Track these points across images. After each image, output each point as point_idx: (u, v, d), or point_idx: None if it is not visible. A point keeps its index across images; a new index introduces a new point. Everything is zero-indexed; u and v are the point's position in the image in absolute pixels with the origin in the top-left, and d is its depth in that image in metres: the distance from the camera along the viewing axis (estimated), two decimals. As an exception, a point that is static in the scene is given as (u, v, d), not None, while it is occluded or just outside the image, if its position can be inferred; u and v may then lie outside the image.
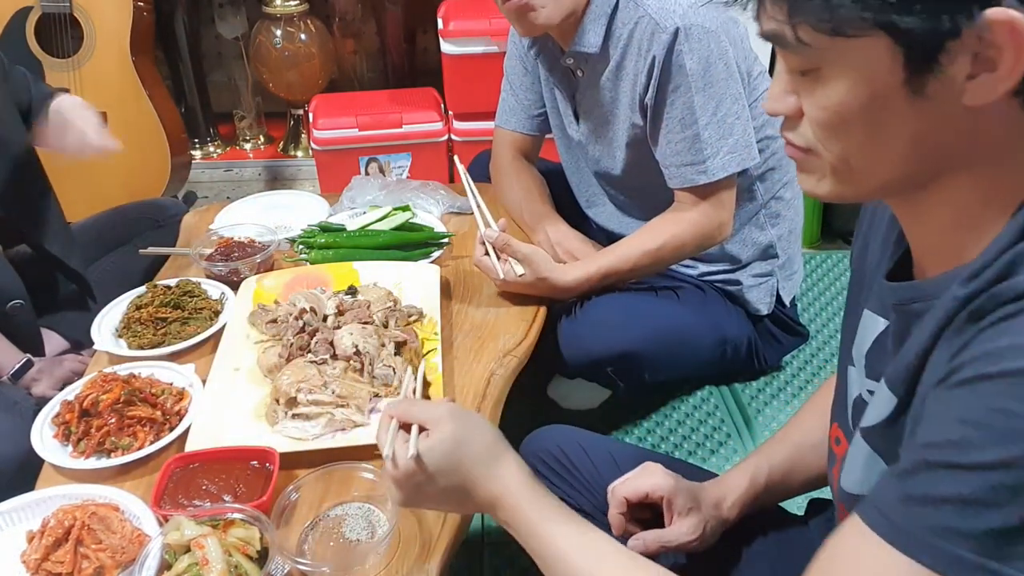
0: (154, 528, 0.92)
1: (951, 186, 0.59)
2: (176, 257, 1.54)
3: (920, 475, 0.53)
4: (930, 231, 0.63)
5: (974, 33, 0.51)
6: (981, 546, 0.50)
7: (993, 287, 0.53)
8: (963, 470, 0.51)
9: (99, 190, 2.32)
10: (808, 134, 0.61)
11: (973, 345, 0.53)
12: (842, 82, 0.57)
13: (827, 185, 0.63)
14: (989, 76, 0.53)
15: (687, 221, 1.41)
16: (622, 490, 0.93)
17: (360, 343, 1.14)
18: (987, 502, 0.50)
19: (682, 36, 1.28)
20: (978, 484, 0.50)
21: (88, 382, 1.14)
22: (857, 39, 0.54)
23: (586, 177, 1.63)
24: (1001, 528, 0.49)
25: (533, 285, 1.35)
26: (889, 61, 0.54)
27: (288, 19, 2.72)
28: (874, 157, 0.59)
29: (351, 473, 0.98)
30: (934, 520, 0.52)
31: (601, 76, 1.41)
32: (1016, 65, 0.52)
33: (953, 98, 0.54)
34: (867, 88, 0.56)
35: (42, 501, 0.97)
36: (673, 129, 1.35)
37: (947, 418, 0.53)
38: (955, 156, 0.58)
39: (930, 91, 0.55)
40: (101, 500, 0.96)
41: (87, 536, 0.90)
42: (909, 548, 0.53)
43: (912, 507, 0.53)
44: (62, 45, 2.40)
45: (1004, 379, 0.50)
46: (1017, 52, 0.51)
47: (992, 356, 0.51)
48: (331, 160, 2.54)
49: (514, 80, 1.64)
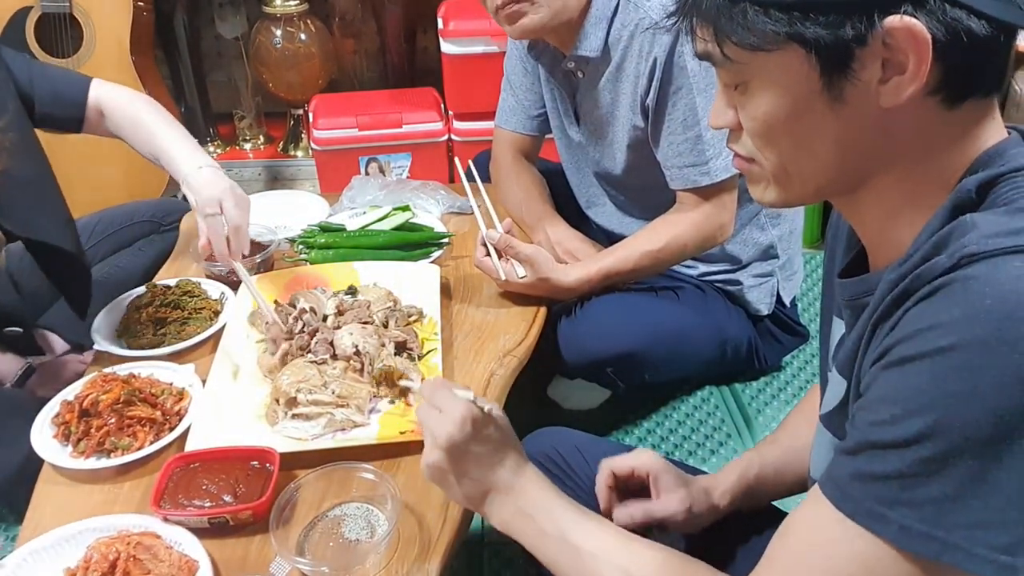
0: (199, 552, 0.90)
1: (880, 185, 0.63)
2: (176, 257, 1.54)
3: (863, 453, 0.56)
4: (872, 229, 0.67)
5: (879, 39, 0.55)
6: (926, 515, 0.53)
7: (917, 269, 0.56)
8: (894, 447, 0.54)
9: (99, 190, 2.32)
10: (748, 144, 0.66)
11: (900, 326, 0.56)
12: (767, 93, 0.61)
13: (772, 192, 0.67)
14: (900, 79, 0.56)
15: (688, 222, 1.41)
16: (610, 463, 0.96)
17: (360, 343, 1.14)
18: (921, 474, 0.53)
19: (683, 37, 1.28)
20: (909, 458, 0.53)
21: (88, 382, 1.13)
22: (774, 52, 0.59)
23: (586, 177, 1.63)
24: (941, 496, 0.52)
25: (534, 286, 1.35)
26: (806, 71, 0.58)
27: (288, 19, 2.72)
28: (805, 162, 0.63)
29: (351, 473, 0.98)
30: (880, 494, 0.55)
31: (601, 78, 1.41)
32: (920, 66, 0.55)
33: (870, 102, 0.58)
34: (789, 97, 0.60)
35: (72, 536, 0.93)
36: (675, 131, 1.35)
37: (877, 398, 0.56)
38: (879, 156, 0.61)
39: (848, 96, 0.59)
40: (136, 530, 0.93)
41: (134, 567, 0.88)
42: (861, 518, 0.56)
43: (861, 483, 0.56)
44: (62, 45, 2.40)
45: (921, 360, 0.53)
46: (919, 55, 0.55)
47: (913, 337, 0.54)
48: (331, 160, 2.54)
49: (514, 80, 1.64)
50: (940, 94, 0.58)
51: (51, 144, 1.48)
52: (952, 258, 0.53)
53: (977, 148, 0.60)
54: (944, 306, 0.52)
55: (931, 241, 0.56)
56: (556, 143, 1.67)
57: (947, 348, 0.51)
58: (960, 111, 0.59)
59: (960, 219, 0.56)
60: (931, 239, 0.57)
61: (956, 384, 0.51)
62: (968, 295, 0.51)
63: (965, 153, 0.60)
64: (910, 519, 0.53)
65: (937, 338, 0.52)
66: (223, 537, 0.94)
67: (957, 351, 0.51)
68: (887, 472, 0.54)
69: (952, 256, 0.53)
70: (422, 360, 1.18)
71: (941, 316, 0.52)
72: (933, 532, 0.53)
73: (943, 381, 0.51)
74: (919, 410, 0.52)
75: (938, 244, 0.56)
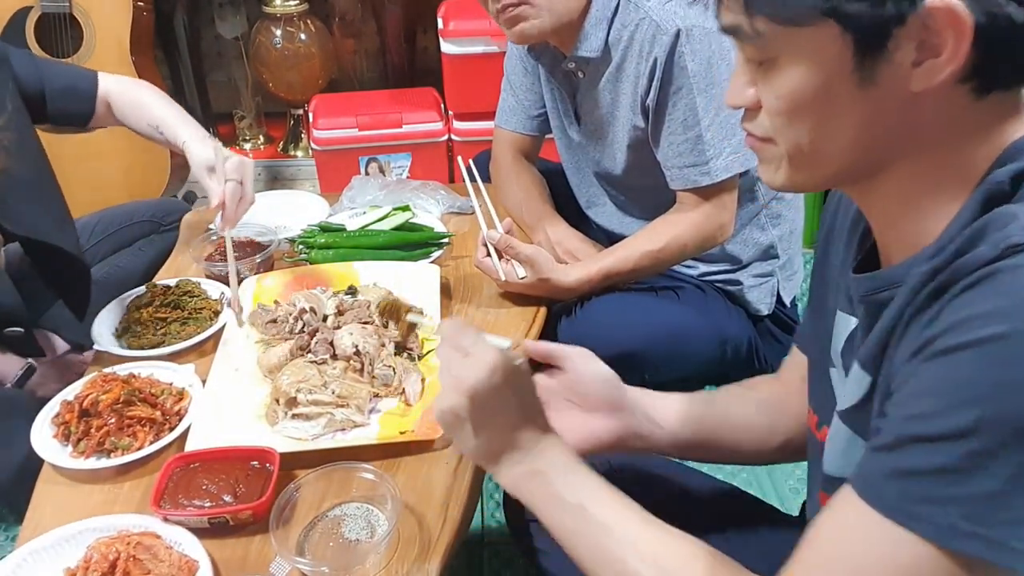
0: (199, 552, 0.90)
1: (900, 173, 0.61)
2: (176, 257, 1.54)
3: (901, 449, 0.54)
4: (886, 219, 0.65)
5: (918, 20, 0.54)
6: (970, 512, 0.51)
7: (955, 260, 0.55)
8: (937, 441, 0.52)
9: (99, 189, 2.32)
10: (765, 123, 0.64)
11: (941, 318, 0.54)
12: (796, 70, 0.59)
13: (783, 174, 0.65)
14: (934, 62, 0.55)
15: (688, 222, 1.41)
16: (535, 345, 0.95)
17: (360, 343, 1.14)
18: (966, 469, 0.51)
19: (683, 37, 1.28)
20: (953, 453, 0.51)
21: (88, 382, 1.13)
22: (808, 27, 0.57)
23: (587, 177, 1.63)
24: (987, 493, 0.51)
25: (534, 286, 1.35)
26: (839, 48, 0.57)
27: (288, 19, 2.72)
28: (826, 143, 0.62)
29: (351, 473, 0.98)
30: (921, 491, 0.53)
31: (602, 78, 1.41)
32: (957, 50, 0.54)
33: (900, 84, 0.57)
34: (819, 75, 0.59)
35: (72, 536, 0.93)
36: (675, 131, 1.35)
37: (918, 391, 0.54)
38: (904, 142, 0.60)
39: (878, 77, 0.57)
40: (136, 530, 0.93)
41: (134, 567, 0.87)
42: (901, 518, 0.54)
43: (899, 480, 0.54)
44: (62, 45, 2.40)
45: (968, 349, 0.51)
46: (957, 37, 0.53)
47: (958, 327, 0.52)
48: (331, 160, 2.54)
49: (514, 80, 1.64)
50: (971, 82, 0.56)
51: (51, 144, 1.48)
52: (996, 248, 0.52)
53: (1004, 141, 0.59)
54: (991, 295, 0.52)
55: (966, 233, 0.55)
56: (556, 143, 1.67)
57: (997, 337, 0.50)
58: (988, 102, 0.57)
59: (997, 210, 0.55)
60: (965, 231, 0.55)
61: (1007, 373, 0.50)
62: (1017, 284, 0.51)
63: (991, 145, 0.59)
64: (953, 516, 0.51)
65: (985, 327, 0.50)
66: (223, 537, 0.94)
67: (1007, 340, 0.50)
68: (929, 467, 0.52)
69: (995, 246, 0.52)
70: (422, 360, 1.18)
71: (988, 305, 0.51)
72: (977, 529, 0.51)
73: (993, 370, 0.50)
74: (967, 402, 0.51)
75: (975, 235, 0.55)
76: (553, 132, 1.65)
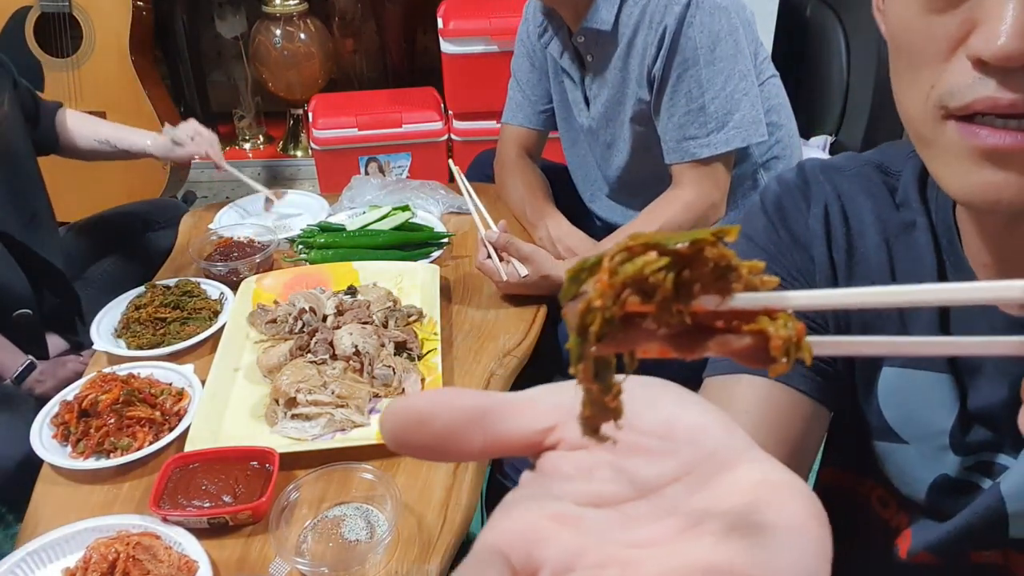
0: (199, 552, 0.90)
1: None
2: (176, 257, 1.54)
3: None
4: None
5: None
6: None
7: None
8: None
9: (98, 190, 2.32)
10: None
11: None
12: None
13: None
14: None
15: (681, 203, 1.42)
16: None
17: (360, 343, 1.14)
18: None
19: (694, 7, 1.30)
20: None
21: (87, 382, 1.13)
22: None
23: (591, 171, 1.64)
24: None
25: (536, 284, 1.35)
26: None
27: (288, 19, 2.72)
28: None
29: (350, 473, 0.98)
30: None
31: (612, 57, 1.42)
32: None
33: None
34: None
35: (71, 537, 0.93)
36: (678, 102, 1.36)
37: None
38: None
39: None
40: (136, 530, 0.93)
41: (133, 568, 0.88)
42: None
43: None
44: (61, 45, 2.40)
45: None
46: None
47: None
48: (331, 160, 2.54)
49: (521, 77, 1.65)
50: None
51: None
52: None
53: None
54: None
55: None
56: (561, 138, 1.67)
57: None
58: None
59: None
60: None
61: None
62: None
63: None
64: None
65: None
66: (222, 537, 0.94)
67: None
68: None
69: None
70: (422, 360, 1.18)
71: None
72: None
73: None
74: None
75: None
76: (558, 127, 1.66)
